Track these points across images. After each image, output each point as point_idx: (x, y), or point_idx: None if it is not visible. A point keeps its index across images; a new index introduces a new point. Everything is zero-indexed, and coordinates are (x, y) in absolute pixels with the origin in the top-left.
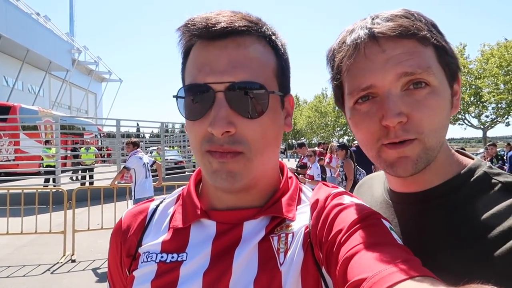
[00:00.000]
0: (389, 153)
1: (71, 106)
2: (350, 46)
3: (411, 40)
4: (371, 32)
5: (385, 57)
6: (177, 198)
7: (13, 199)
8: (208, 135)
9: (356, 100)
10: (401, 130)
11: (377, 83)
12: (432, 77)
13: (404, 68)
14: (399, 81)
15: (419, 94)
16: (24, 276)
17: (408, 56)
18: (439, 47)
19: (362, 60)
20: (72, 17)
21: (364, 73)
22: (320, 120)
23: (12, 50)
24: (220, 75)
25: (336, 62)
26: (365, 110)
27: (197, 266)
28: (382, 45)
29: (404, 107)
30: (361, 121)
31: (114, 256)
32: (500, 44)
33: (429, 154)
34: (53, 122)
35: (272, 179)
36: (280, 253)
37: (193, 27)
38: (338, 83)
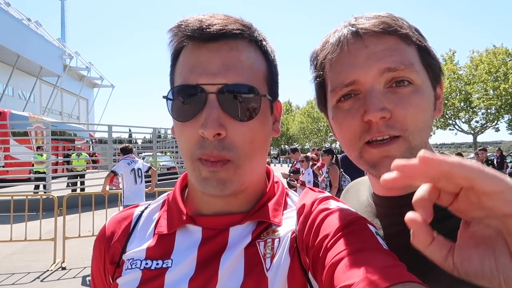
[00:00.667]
0: (371, 152)
1: (63, 112)
2: (334, 43)
3: (394, 36)
4: (354, 28)
5: (368, 53)
6: (162, 203)
7: (2, 206)
8: (199, 140)
9: (339, 98)
10: (384, 126)
11: (360, 78)
12: (415, 74)
13: (386, 63)
14: (382, 76)
15: (403, 91)
16: (13, 284)
17: (391, 52)
18: (422, 48)
19: (345, 56)
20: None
21: (347, 68)
22: (312, 125)
23: (3, 56)
24: (212, 76)
25: (319, 60)
26: (347, 107)
27: (183, 273)
28: (365, 41)
29: (388, 103)
30: (344, 119)
31: (98, 264)
32: (489, 50)
33: (413, 154)
34: (44, 128)
35: (259, 184)
36: (266, 259)
37: (186, 28)
38: (321, 81)
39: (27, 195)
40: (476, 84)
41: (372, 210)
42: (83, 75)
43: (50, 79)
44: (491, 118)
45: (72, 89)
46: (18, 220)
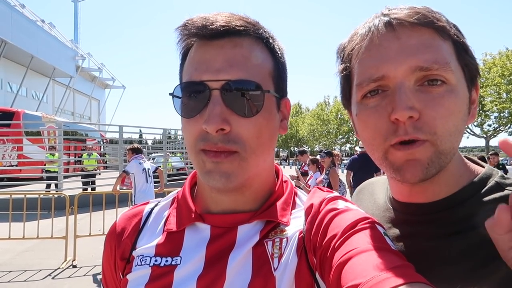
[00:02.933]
0: (396, 155)
1: (74, 112)
2: (364, 33)
3: (429, 29)
4: (386, 17)
5: (399, 45)
6: (172, 201)
7: (15, 204)
8: (202, 133)
9: (364, 93)
10: (411, 127)
11: (389, 73)
12: (450, 74)
13: (419, 61)
14: (413, 74)
15: (435, 91)
16: (25, 281)
17: (425, 48)
18: (459, 44)
19: (374, 48)
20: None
21: (376, 61)
22: (322, 127)
23: (17, 57)
24: (216, 73)
25: (346, 51)
26: (373, 104)
27: (191, 271)
28: (397, 32)
29: (417, 102)
30: (369, 117)
31: (108, 259)
32: (502, 53)
33: (441, 159)
34: (56, 128)
35: (267, 182)
36: (274, 258)
37: (192, 26)
38: (347, 73)
39: (39, 193)
40: (489, 87)
41: (390, 215)
42: (95, 76)
43: (62, 79)
44: (504, 122)
45: (84, 90)
46: (30, 218)
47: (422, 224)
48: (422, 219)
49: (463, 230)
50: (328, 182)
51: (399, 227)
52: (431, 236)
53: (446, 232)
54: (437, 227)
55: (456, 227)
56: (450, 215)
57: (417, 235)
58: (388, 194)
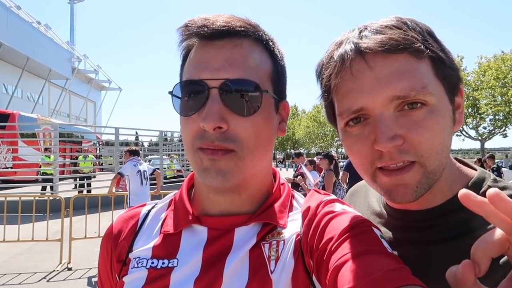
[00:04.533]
0: (384, 180)
1: (70, 114)
2: (337, 62)
3: (402, 54)
4: (357, 47)
5: (373, 76)
6: (169, 203)
7: (10, 207)
8: (200, 131)
9: (346, 122)
10: (397, 152)
11: (367, 105)
12: (429, 96)
13: (395, 91)
14: (391, 103)
15: (416, 115)
16: (20, 284)
17: (400, 76)
18: (436, 59)
19: (349, 79)
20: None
21: (353, 94)
22: (318, 130)
23: (12, 58)
24: (215, 71)
25: (324, 80)
26: (356, 133)
27: (188, 273)
28: (370, 62)
29: (399, 129)
30: (353, 145)
31: (105, 262)
32: (497, 56)
33: (430, 178)
34: (52, 130)
35: (264, 184)
36: (271, 261)
37: (192, 26)
38: (328, 102)
39: (34, 196)
40: (484, 90)
41: (385, 220)
42: (91, 77)
43: (58, 81)
44: (499, 125)
45: (80, 92)
46: (25, 220)
47: (418, 230)
48: (418, 225)
49: (459, 235)
50: (323, 185)
51: (394, 233)
52: (427, 241)
53: (442, 238)
54: (432, 233)
55: (452, 232)
56: (445, 221)
57: (412, 241)
58: (382, 199)
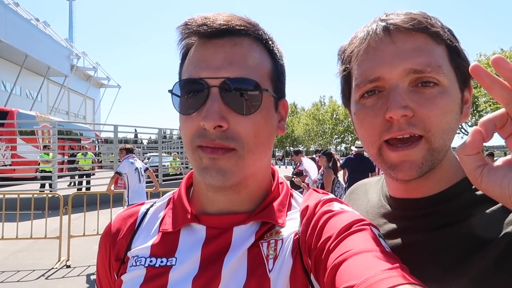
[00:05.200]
0: (391, 155)
1: (69, 111)
2: (362, 37)
3: (423, 34)
4: (383, 22)
5: (395, 49)
6: (167, 202)
7: (9, 204)
8: (200, 129)
9: (362, 94)
10: (405, 124)
11: (385, 75)
12: (442, 76)
13: (413, 64)
14: (407, 76)
15: (428, 92)
16: (18, 281)
17: (419, 52)
18: (452, 48)
19: (371, 51)
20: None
21: (372, 64)
22: (318, 127)
23: (11, 55)
24: (215, 70)
25: (346, 53)
26: (370, 104)
27: (187, 272)
28: (393, 37)
29: (411, 102)
30: (366, 115)
31: (103, 260)
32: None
33: (434, 156)
34: (51, 128)
35: (263, 183)
36: (269, 260)
37: (192, 25)
38: (346, 74)
39: (33, 193)
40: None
41: (386, 211)
42: (90, 75)
43: (57, 78)
44: None
45: (79, 89)
46: (24, 218)
47: (418, 218)
48: (418, 213)
49: (456, 222)
50: (322, 183)
51: (395, 222)
52: (427, 228)
53: (441, 224)
54: (432, 220)
55: (449, 219)
56: (445, 208)
57: (411, 229)
58: (383, 192)
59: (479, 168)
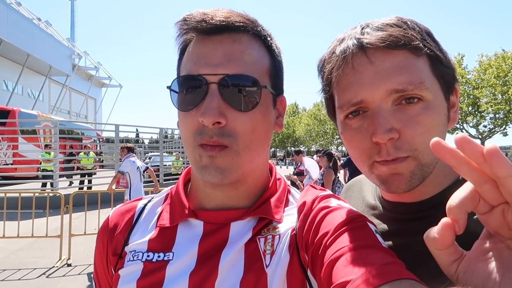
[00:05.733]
0: (381, 169)
1: (71, 111)
2: (339, 57)
3: (402, 51)
4: (359, 42)
5: (374, 70)
6: (165, 197)
7: (10, 203)
8: (199, 126)
9: (346, 115)
10: (393, 148)
11: (367, 98)
12: (426, 91)
13: (394, 84)
14: (390, 96)
15: (412, 109)
16: (19, 279)
17: (399, 71)
18: (433, 57)
19: (350, 72)
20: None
21: (353, 87)
22: (319, 128)
23: (13, 55)
24: (214, 67)
25: (326, 74)
26: (356, 125)
27: (184, 267)
28: (371, 57)
29: (396, 122)
30: (352, 137)
31: (100, 255)
32: (497, 55)
33: (424, 170)
34: (52, 127)
35: (261, 179)
36: (266, 255)
37: (191, 21)
38: (328, 95)
39: (34, 192)
40: (485, 88)
41: (380, 213)
42: (91, 74)
43: (59, 78)
44: (499, 123)
45: (81, 89)
46: (25, 217)
47: (410, 222)
48: (410, 217)
49: None
50: (322, 183)
51: (388, 224)
52: (417, 232)
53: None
54: (422, 224)
55: None
56: (436, 212)
57: (405, 232)
58: (377, 193)
59: (454, 264)
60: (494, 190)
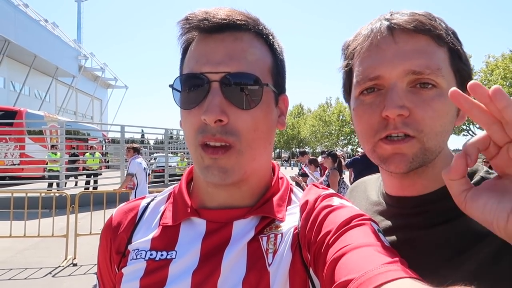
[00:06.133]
0: (384, 148)
1: (77, 111)
2: (365, 34)
3: (425, 36)
4: (387, 22)
5: (396, 49)
6: (168, 196)
7: (17, 203)
8: (202, 125)
9: (361, 90)
10: (401, 123)
11: (384, 74)
12: (441, 79)
13: (412, 65)
14: (406, 77)
15: (426, 94)
16: (25, 279)
17: (420, 54)
18: (454, 51)
19: (374, 49)
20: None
21: (373, 62)
22: (324, 129)
23: (20, 56)
24: (216, 65)
25: (350, 49)
26: (369, 101)
27: (186, 265)
28: (396, 37)
29: (408, 102)
30: (364, 112)
31: (104, 253)
32: (505, 55)
33: (426, 155)
34: (59, 127)
35: (263, 178)
36: (268, 254)
37: (193, 19)
38: (348, 70)
39: (41, 192)
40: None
41: (383, 209)
42: (97, 75)
43: (65, 79)
44: None
45: (87, 90)
46: (32, 216)
47: (412, 216)
48: (412, 211)
49: (447, 220)
50: (327, 184)
51: (391, 219)
52: (420, 226)
53: (434, 223)
54: (425, 219)
55: (442, 218)
56: (438, 207)
57: (407, 226)
58: (381, 190)
59: (463, 193)
60: (501, 131)
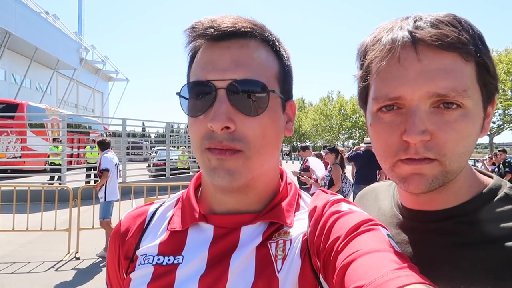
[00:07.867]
0: (404, 168)
1: (78, 104)
2: (385, 46)
3: (453, 54)
4: (411, 36)
5: (420, 68)
6: (176, 201)
7: (19, 196)
8: (208, 132)
9: (380, 107)
10: (422, 148)
11: (406, 95)
12: (467, 99)
13: (437, 88)
14: (430, 98)
15: (449, 115)
16: (28, 272)
17: (445, 74)
18: (481, 65)
19: (395, 66)
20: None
21: (394, 81)
22: (325, 123)
23: (21, 48)
24: (222, 72)
25: (367, 61)
26: (388, 120)
27: (193, 270)
28: (420, 54)
29: (430, 125)
30: (383, 131)
31: (113, 259)
32: (508, 50)
33: (446, 177)
34: (60, 120)
35: (271, 183)
36: (277, 260)
37: (199, 28)
38: (365, 83)
39: (43, 186)
40: None
41: (398, 222)
42: (98, 68)
43: (66, 72)
44: (508, 119)
45: (88, 82)
46: (34, 210)
47: (429, 232)
48: (429, 226)
49: (471, 243)
50: (330, 179)
51: (407, 233)
52: (437, 244)
53: (453, 242)
54: (443, 236)
55: (462, 238)
56: (457, 224)
57: (423, 242)
58: (395, 201)
59: None
60: None
